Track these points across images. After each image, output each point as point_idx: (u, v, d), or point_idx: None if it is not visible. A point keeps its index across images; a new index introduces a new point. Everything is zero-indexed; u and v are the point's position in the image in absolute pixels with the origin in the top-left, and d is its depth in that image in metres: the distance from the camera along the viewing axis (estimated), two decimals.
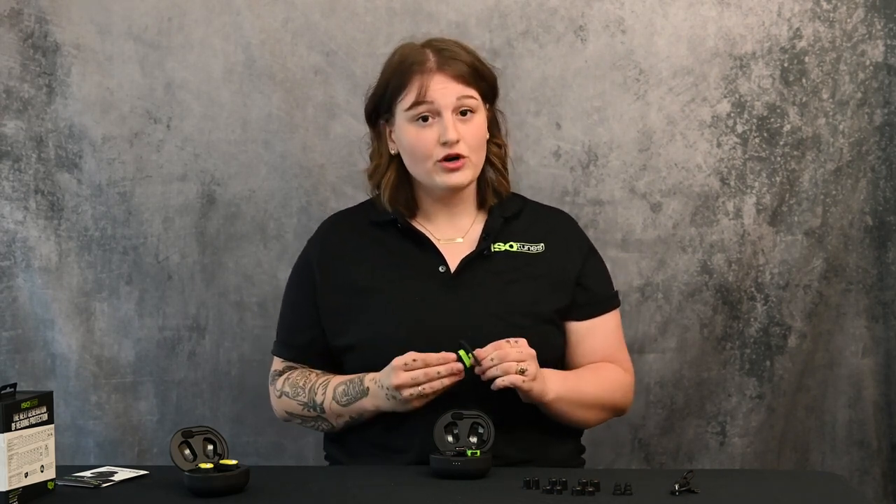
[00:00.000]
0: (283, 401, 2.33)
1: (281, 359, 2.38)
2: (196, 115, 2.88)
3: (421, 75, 2.26)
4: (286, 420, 2.36)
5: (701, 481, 1.92)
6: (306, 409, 2.29)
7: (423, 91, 2.25)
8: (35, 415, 1.89)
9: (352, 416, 2.25)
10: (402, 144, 2.30)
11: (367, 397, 2.22)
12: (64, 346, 2.88)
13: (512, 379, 2.12)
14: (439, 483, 1.98)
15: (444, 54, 2.28)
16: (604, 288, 2.40)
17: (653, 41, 2.88)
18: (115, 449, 2.90)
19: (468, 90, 2.27)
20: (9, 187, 2.87)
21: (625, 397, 2.38)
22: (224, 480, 1.92)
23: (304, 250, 2.41)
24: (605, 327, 2.37)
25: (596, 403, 2.31)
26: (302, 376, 2.32)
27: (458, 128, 2.25)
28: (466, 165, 2.27)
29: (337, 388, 2.26)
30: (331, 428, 2.30)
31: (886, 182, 2.92)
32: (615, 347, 2.38)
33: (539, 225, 2.38)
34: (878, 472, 2.98)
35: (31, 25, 2.85)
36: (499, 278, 2.28)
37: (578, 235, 2.42)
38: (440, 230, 2.34)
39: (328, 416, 2.27)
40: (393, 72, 2.30)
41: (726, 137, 2.90)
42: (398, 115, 2.29)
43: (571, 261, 2.35)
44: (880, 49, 2.89)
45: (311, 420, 2.31)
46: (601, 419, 2.37)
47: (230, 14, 2.86)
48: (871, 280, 2.94)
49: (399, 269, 2.30)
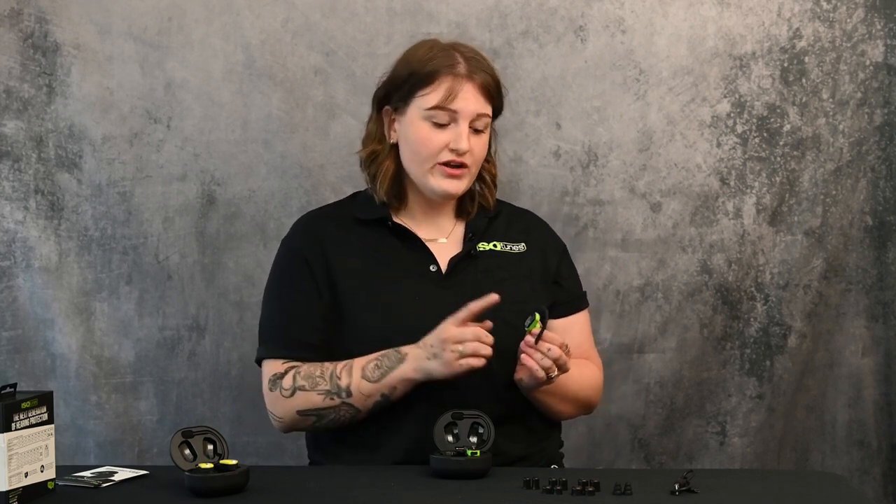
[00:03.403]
0: (298, 397, 2.23)
1: (280, 360, 2.28)
2: (196, 115, 2.88)
3: (452, 78, 2.25)
4: (291, 427, 2.29)
5: (701, 481, 1.92)
6: (328, 397, 2.21)
7: (452, 97, 2.24)
8: (35, 415, 1.89)
9: (383, 393, 2.19)
10: (406, 138, 2.29)
11: (406, 363, 2.17)
12: (64, 346, 2.88)
13: (540, 377, 2.15)
14: (439, 483, 1.98)
15: (473, 63, 2.28)
16: (577, 287, 2.43)
17: (653, 41, 2.88)
18: (115, 449, 2.90)
19: (487, 108, 2.28)
20: (9, 187, 2.87)
21: (597, 395, 2.41)
22: (224, 480, 1.91)
23: (286, 248, 2.35)
24: (580, 325, 2.39)
25: (575, 399, 2.34)
26: (315, 367, 2.24)
27: (470, 140, 2.26)
28: (465, 176, 2.28)
29: (366, 366, 2.20)
30: (354, 415, 2.22)
31: (886, 182, 2.92)
32: (588, 344, 2.42)
33: (516, 225, 2.39)
34: (878, 472, 2.98)
35: (31, 25, 2.85)
36: (488, 277, 2.28)
37: (553, 235, 2.45)
38: (423, 230, 2.33)
39: (354, 400, 2.20)
40: (420, 63, 2.27)
41: (726, 137, 2.90)
42: (413, 108, 2.27)
43: (550, 260, 2.38)
44: (880, 49, 2.89)
45: (330, 412, 2.22)
46: (573, 415, 2.39)
47: (230, 14, 2.86)
48: (871, 280, 2.94)
49: (389, 267, 2.28)
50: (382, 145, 2.33)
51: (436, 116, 2.25)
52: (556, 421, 2.39)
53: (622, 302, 2.92)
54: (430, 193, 2.30)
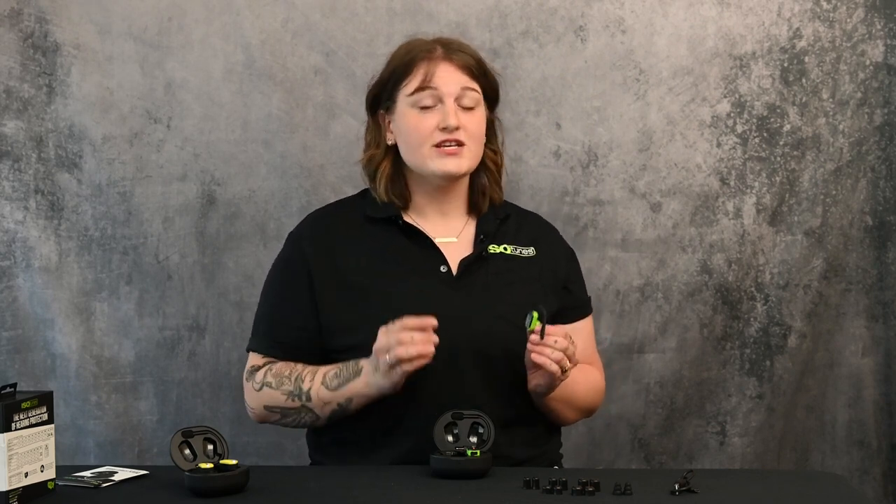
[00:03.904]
0: (265, 393, 2.26)
1: (260, 355, 2.31)
2: (196, 115, 2.88)
3: (427, 63, 2.27)
4: (262, 419, 2.30)
5: (701, 481, 1.92)
6: (290, 398, 2.23)
7: (429, 77, 2.25)
8: (35, 415, 1.89)
9: (339, 403, 2.20)
10: (400, 131, 2.29)
11: (360, 378, 2.18)
12: (64, 346, 2.88)
13: (554, 370, 2.13)
14: (439, 483, 1.98)
15: (452, 46, 2.30)
16: (583, 292, 2.43)
17: (653, 41, 2.88)
18: (115, 449, 2.90)
19: (472, 83, 2.28)
20: (9, 187, 2.87)
21: (600, 399, 2.42)
22: (224, 480, 1.91)
23: (289, 245, 2.36)
24: (585, 331, 2.39)
25: (580, 405, 2.35)
26: (287, 367, 2.27)
27: (460, 116, 2.25)
28: (464, 154, 2.26)
29: (328, 373, 2.22)
30: (314, 420, 2.25)
31: (886, 182, 2.92)
32: (592, 350, 2.42)
33: (526, 229, 2.39)
34: (878, 472, 2.98)
35: (31, 25, 2.85)
36: (498, 280, 2.27)
37: (561, 240, 2.45)
38: (433, 229, 2.32)
39: (314, 405, 2.22)
40: (399, 60, 2.30)
41: (726, 137, 2.90)
42: (400, 101, 2.28)
43: (559, 265, 2.37)
44: (880, 49, 2.89)
45: (292, 413, 2.25)
46: (577, 420, 2.41)
47: (230, 14, 2.86)
48: (871, 280, 2.94)
49: (399, 267, 2.27)
50: (379, 149, 2.34)
51: (420, 100, 2.26)
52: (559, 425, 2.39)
53: (622, 302, 2.92)
54: (434, 179, 2.29)
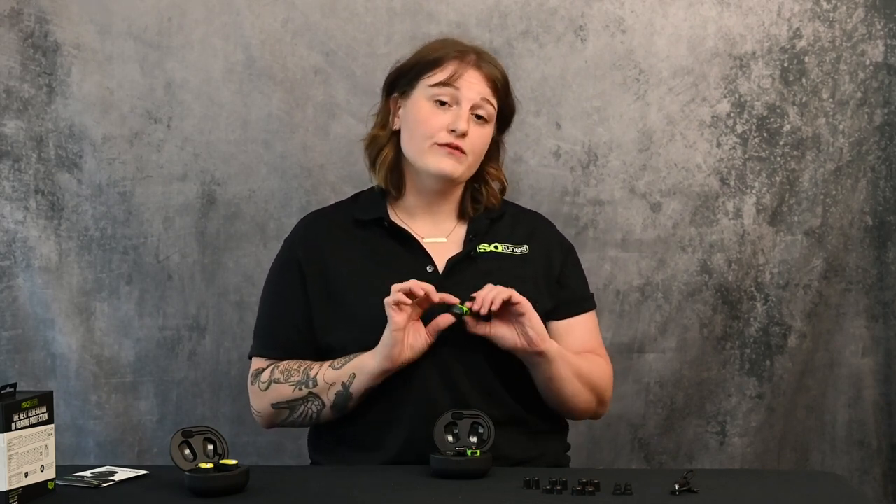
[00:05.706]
0: (272, 390, 2.26)
1: (263, 358, 2.32)
2: (196, 115, 2.88)
3: (458, 63, 2.28)
4: (270, 422, 2.31)
5: (701, 481, 1.92)
6: (297, 388, 2.23)
7: (455, 76, 2.26)
8: (35, 415, 1.89)
9: (343, 382, 2.20)
10: (408, 119, 2.29)
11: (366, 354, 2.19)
12: (64, 346, 2.88)
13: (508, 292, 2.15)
14: (439, 483, 1.98)
15: (485, 57, 2.32)
16: (582, 288, 2.40)
17: (653, 41, 2.89)
18: (115, 449, 2.90)
19: (492, 97, 2.29)
20: (9, 187, 2.87)
21: (609, 387, 2.36)
22: (224, 480, 1.91)
23: (284, 249, 2.37)
24: (585, 326, 2.36)
25: (589, 380, 2.29)
26: (294, 362, 2.28)
27: (470, 125, 2.26)
28: (463, 161, 2.27)
29: (336, 360, 2.23)
30: (320, 409, 2.24)
31: (886, 182, 2.92)
32: (596, 343, 2.38)
33: (521, 227, 2.38)
34: (878, 472, 2.98)
35: (31, 25, 2.85)
36: (487, 279, 2.24)
37: (558, 236, 2.43)
38: (423, 229, 2.33)
39: (319, 390, 2.22)
40: (432, 51, 2.31)
41: (726, 137, 2.90)
42: (419, 88, 2.28)
43: (554, 262, 2.36)
44: (880, 49, 2.89)
45: (300, 404, 2.25)
46: (588, 402, 2.31)
47: (230, 14, 2.87)
48: (871, 280, 2.94)
49: (386, 268, 2.27)
50: (385, 131, 2.34)
51: (439, 94, 2.26)
52: (564, 422, 2.37)
53: (622, 302, 2.92)
54: (427, 178, 2.29)
